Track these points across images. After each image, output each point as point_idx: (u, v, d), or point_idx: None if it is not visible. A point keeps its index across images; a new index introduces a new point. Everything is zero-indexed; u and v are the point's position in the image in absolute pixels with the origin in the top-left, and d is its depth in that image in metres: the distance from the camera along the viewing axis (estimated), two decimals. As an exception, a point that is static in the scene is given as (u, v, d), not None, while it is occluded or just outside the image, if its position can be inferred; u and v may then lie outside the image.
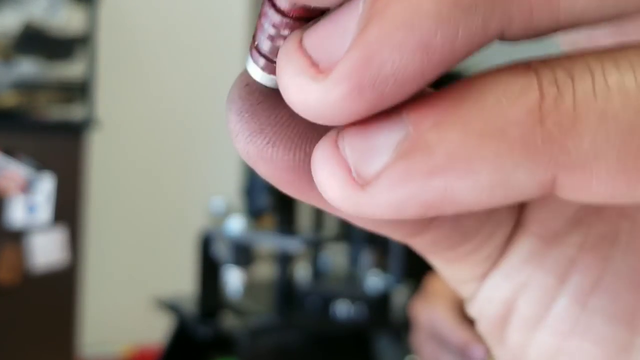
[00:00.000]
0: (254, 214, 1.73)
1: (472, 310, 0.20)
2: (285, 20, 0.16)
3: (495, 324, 0.19)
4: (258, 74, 0.17)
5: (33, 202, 2.29)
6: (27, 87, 2.30)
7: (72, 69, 2.43)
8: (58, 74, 2.42)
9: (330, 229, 1.86)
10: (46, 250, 2.31)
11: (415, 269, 1.69)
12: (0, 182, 2.26)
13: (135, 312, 2.82)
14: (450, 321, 0.79)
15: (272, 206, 1.69)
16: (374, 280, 1.70)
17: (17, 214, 2.27)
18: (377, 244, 1.74)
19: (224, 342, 1.67)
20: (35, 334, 2.31)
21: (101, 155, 2.73)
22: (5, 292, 2.27)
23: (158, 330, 2.25)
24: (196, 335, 1.64)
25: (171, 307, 1.70)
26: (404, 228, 0.18)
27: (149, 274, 2.90)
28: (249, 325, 1.58)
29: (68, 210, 2.34)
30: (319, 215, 1.84)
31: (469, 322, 0.80)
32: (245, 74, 0.17)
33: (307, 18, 0.16)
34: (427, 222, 0.18)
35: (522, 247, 0.19)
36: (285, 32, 0.16)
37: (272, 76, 0.17)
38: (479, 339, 0.77)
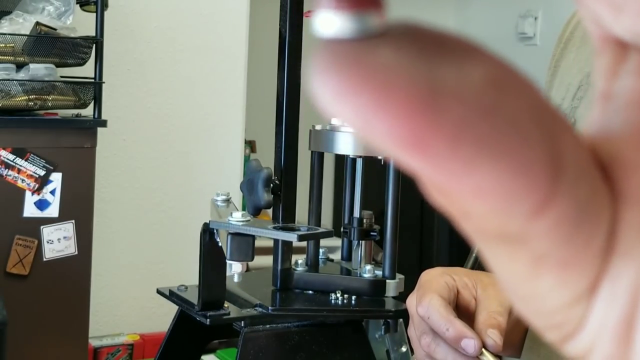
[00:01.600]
0: (254, 209, 1.77)
1: (580, 344, 0.17)
2: None
3: (619, 340, 0.17)
4: (339, 22, 0.14)
5: (43, 198, 2.34)
6: (38, 89, 2.34)
7: (81, 70, 2.47)
8: (68, 75, 2.46)
9: (326, 223, 1.89)
10: (56, 244, 2.36)
11: (408, 264, 1.74)
12: (13, 179, 2.31)
13: (141, 303, 2.85)
14: (443, 314, 0.79)
15: (272, 202, 1.73)
16: (368, 273, 1.73)
17: (28, 209, 2.32)
18: (372, 237, 1.76)
19: (225, 331, 1.72)
20: (46, 326, 2.35)
21: (108, 152, 2.77)
22: (17, 284, 2.32)
23: (163, 320, 2.30)
24: (198, 325, 1.68)
25: (175, 297, 1.75)
26: (537, 192, 0.15)
27: (154, 266, 2.93)
28: (248, 315, 1.63)
29: (77, 206, 2.38)
30: (316, 210, 1.88)
31: (462, 316, 0.80)
32: (323, 44, 0.15)
33: None
34: (553, 186, 0.15)
35: (632, 220, 0.16)
36: None
37: (352, 15, 0.14)
38: (472, 331, 0.78)
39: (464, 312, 0.82)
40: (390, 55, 0.14)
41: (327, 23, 0.15)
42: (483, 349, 0.77)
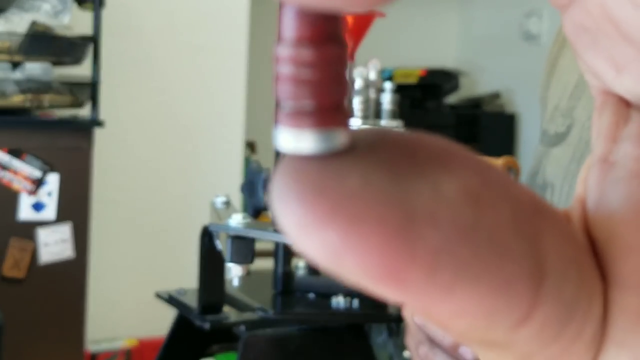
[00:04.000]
0: (254, 211, 1.74)
1: None
2: (297, 46, 0.14)
3: None
4: (301, 141, 0.14)
5: (39, 200, 2.31)
6: (34, 88, 2.32)
7: (78, 70, 2.44)
8: (64, 74, 2.44)
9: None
10: (52, 247, 2.33)
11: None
12: (8, 180, 2.28)
13: (139, 307, 2.83)
14: None
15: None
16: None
17: (24, 212, 2.30)
18: None
19: (224, 335, 1.69)
20: (42, 330, 2.32)
21: (106, 154, 2.74)
22: (13, 288, 2.29)
23: (162, 324, 2.27)
24: (197, 329, 1.66)
25: (174, 301, 1.72)
26: (520, 302, 0.14)
27: (152, 270, 2.91)
28: (248, 319, 1.60)
29: (74, 208, 2.35)
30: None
31: None
32: (286, 161, 0.14)
33: (319, 38, 0.14)
34: (535, 292, 0.15)
35: (627, 307, 0.16)
36: (303, 55, 0.14)
37: (314, 133, 0.14)
38: None
39: None
40: (358, 180, 0.14)
41: (289, 140, 0.14)
42: None
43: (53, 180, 2.32)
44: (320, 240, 0.13)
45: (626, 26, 0.16)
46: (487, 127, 3.66)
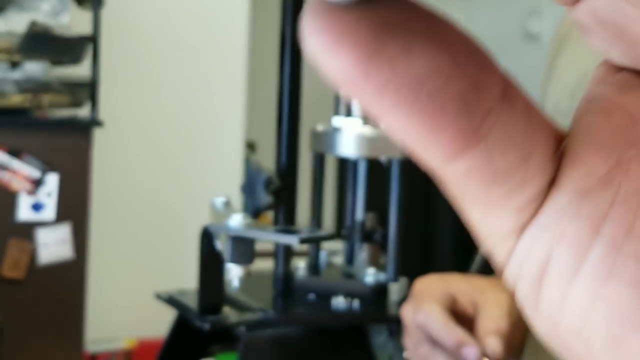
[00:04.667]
0: (254, 211, 1.75)
1: (509, 274, 0.20)
2: None
3: (532, 284, 0.20)
4: None
5: (39, 200, 2.31)
6: (33, 88, 2.32)
7: (77, 70, 2.44)
8: (64, 74, 2.44)
9: (328, 226, 1.87)
10: (52, 247, 2.33)
11: (411, 267, 1.71)
12: (7, 180, 2.28)
13: (138, 307, 2.83)
14: (441, 322, 0.78)
15: (272, 204, 1.71)
16: (371, 276, 1.71)
17: (23, 212, 2.29)
18: (375, 240, 1.75)
19: (224, 336, 1.69)
20: (41, 330, 2.32)
21: (106, 154, 2.74)
22: (12, 288, 2.29)
23: (161, 325, 2.27)
24: (197, 330, 1.66)
25: (174, 302, 1.72)
26: (445, 147, 0.18)
27: (152, 270, 2.91)
28: (248, 320, 1.60)
29: (73, 208, 2.35)
30: (317, 212, 1.86)
31: (460, 322, 0.79)
32: (312, 6, 0.18)
33: None
34: (462, 147, 0.18)
35: (557, 201, 0.19)
36: None
37: None
38: (471, 338, 0.77)
39: (462, 319, 0.81)
40: (356, 16, 0.17)
41: None
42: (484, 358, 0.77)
43: (52, 181, 2.32)
44: (321, 42, 0.17)
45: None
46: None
